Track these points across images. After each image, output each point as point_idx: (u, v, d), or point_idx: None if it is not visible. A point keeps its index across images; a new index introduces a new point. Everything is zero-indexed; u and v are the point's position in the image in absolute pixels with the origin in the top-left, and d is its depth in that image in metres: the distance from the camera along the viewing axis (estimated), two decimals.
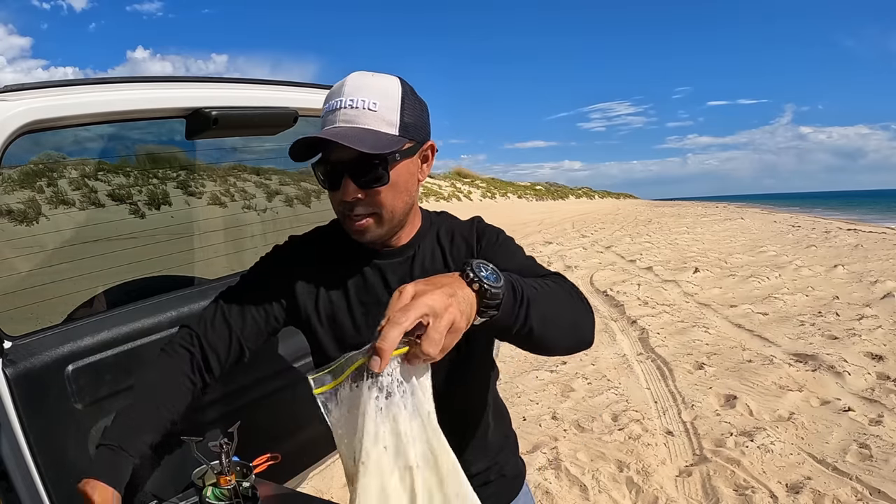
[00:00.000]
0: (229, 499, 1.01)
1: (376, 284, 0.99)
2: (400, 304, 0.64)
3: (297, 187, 2.62)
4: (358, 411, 0.63)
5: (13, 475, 1.03)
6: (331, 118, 0.88)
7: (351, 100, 0.86)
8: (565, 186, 48.94)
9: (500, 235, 1.02)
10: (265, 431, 1.40)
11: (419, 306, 0.63)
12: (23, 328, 1.13)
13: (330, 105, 0.88)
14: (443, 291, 0.65)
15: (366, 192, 0.89)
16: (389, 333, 0.61)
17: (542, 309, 0.79)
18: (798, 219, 20.41)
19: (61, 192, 2.39)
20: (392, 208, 0.91)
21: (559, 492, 2.64)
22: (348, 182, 0.88)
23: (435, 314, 0.63)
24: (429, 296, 0.64)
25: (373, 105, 0.86)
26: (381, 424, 0.63)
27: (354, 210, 0.90)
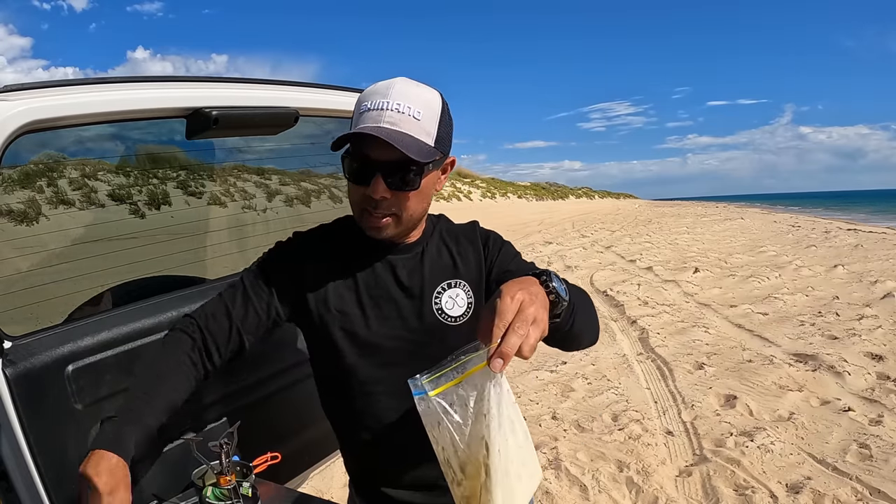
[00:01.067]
0: (229, 499, 1.01)
1: (386, 279, 1.02)
2: (512, 310, 0.70)
3: (297, 187, 2.62)
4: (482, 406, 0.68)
5: (13, 475, 1.03)
6: (374, 116, 0.89)
7: (398, 104, 0.89)
8: (565, 186, 48.91)
9: (502, 239, 1.10)
10: (265, 431, 1.40)
11: (529, 317, 0.69)
12: (23, 328, 1.13)
13: (374, 103, 0.90)
14: (540, 303, 0.73)
15: (394, 194, 0.92)
16: (511, 340, 0.67)
17: (581, 312, 0.89)
18: (798, 219, 20.42)
19: (61, 192, 2.39)
20: (412, 212, 0.96)
21: (559, 492, 2.64)
22: (379, 181, 0.90)
23: (536, 324, 0.70)
24: (534, 307, 0.71)
25: (417, 114, 0.89)
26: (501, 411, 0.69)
27: (377, 207, 0.93)
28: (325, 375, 1.10)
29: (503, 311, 0.69)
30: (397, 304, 1.01)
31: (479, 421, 0.68)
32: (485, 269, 1.06)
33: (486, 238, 1.08)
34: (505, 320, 0.68)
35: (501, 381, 0.70)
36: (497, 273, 1.04)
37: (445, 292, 1.02)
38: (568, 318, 0.84)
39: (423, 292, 1.02)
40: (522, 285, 0.74)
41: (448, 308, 1.02)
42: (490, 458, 0.68)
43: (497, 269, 1.05)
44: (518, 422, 0.74)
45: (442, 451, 0.71)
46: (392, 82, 0.92)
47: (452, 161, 1.01)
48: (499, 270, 1.05)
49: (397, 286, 1.02)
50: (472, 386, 0.68)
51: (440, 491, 1.04)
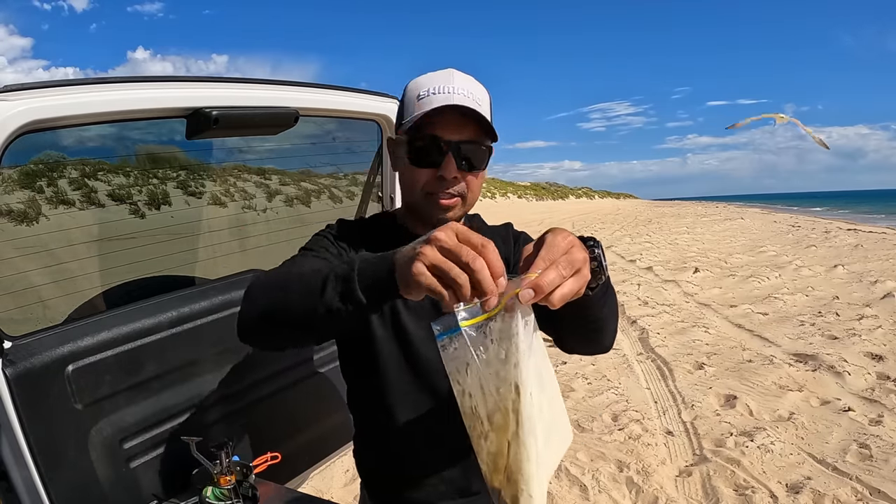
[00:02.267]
0: (229, 499, 1.01)
1: None
2: (562, 248, 0.64)
3: (297, 187, 2.62)
4: (512, 344, 0.61)
5: (13, 475, 1.03)
6: (443, 98, 0.89)
7: (463, 89, 0.90)
8: (565, 186, 48.90)
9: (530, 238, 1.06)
10: (265, 431, 1.40)
11: (575, 261, 0.63)
12: (23, 328, 1.13)
13: (437, 88, 0.91)
14: (585, 259, 0.66)
15: (463, 174, 0.93)
16: (551, 276, 0.61)
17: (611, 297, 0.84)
18: (798, 219, 20.40)
19: (61, 192, 2.38)
20: (475, 195, 0.97)
21: (559, 492, 2.64)
22: (451, 160, 0.91)
23: (578, 276, 0.64)
24: (581, 251, 0.65)
25: (478, 102, 0.91)
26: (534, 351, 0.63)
27: (447, 188, 0.93)
28: (357, 372, 1.07)
29: (552, 245, 0.64)
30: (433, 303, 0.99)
31: (509, 360, 0.61)
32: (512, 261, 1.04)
33: (518, 236, 1.09)
34: (552, 255, 0.63)
35: (532, 322, 0.63)
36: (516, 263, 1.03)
37: None
38: (602, 296, 0.79)
39: None
40: (572, 236, 0.68)
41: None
42: (521, 402, 0.61)
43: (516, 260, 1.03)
44: (549, 373, 0.67)
45: (469, 399, 0.63)
46: (450, 71, 0.93)
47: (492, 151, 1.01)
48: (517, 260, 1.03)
49: None
50: (504, 319, 0.61)
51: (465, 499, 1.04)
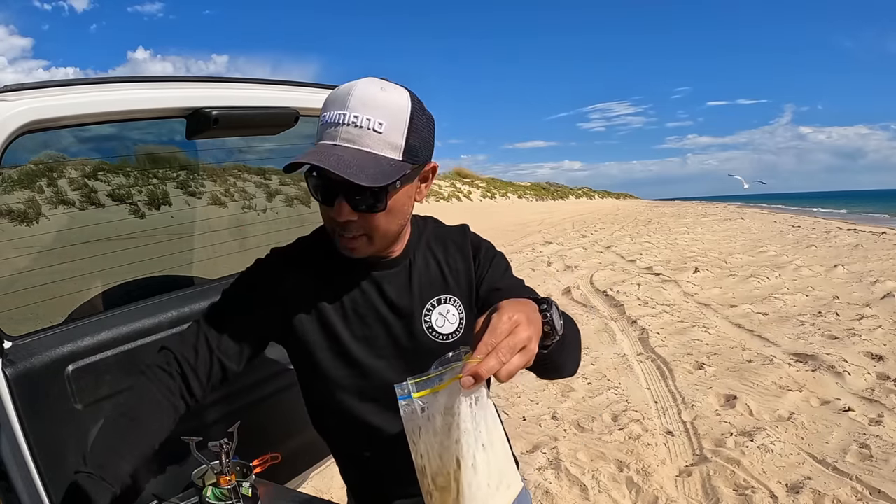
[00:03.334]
0: (229, 499, 1.01)
1: (373, 297, 0.97)
2: (504, 331, 0.65)
3: (297, 187, 2.62)
4: (455, 419, 0.67)
5: (13, 475, 1.03)
6: (331, 132, 0.82)
7: (355, 116, 0.80)
8: (565, 186, 48.94)
9: (493, 250, 1.04)
10: (265, 431, 1.40)
11: (519, 343, 0.65)
12: (23, 328, 1.13)
13: (331, 116, 0.83)
14: (535, 331, 0.68)
15: (360, 215, 0.86)
16: (490, 363, 0.62)
17: (569, 346, 0.84)
18: (798, 219, 20.40)
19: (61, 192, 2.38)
20: (385, 231, 0.90)
21: (559, 492, 2.64)
22: (343, 204, 0.84)
23: (524, 352, 0.66)
24: (527, 334, 0.66)
25: (378, 126, 0.81)
26: (478, 425, 0.68)
27: (346, 230, 0.88)
28: (315, 397, 1.06)
29: (494, 329, 0.65)
30: (386, 324, 0.98)
31: (451, 435, 0.66)
32: (474, 282, 1.00)
33: (477, 248, 1.02)
34: (494, 339, 0.64)
35: (479, 394, 0.68)
36: (486, 289, 0.99)
37: (435, 309, 0.98)
38: (557, 351, 0.79)
39: (413, 310, 0.97)
40: (523, 308, 0.69)
41: (439, 326, 0.98)
42: (461, 472, 0.66)
43: (486, 285, 1.00)
44: (497, 437, 0.72)
45: (420, 459, 0.70)
46: (352, 87, 0.82)
47: (433, 167, 0.93)
48: (488, 286, 0.99)
49: (385, 305, 0.97)
50: (450, 396, 0.66)
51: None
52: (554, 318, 0.74)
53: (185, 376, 0.93)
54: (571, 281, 7.86)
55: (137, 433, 0.88)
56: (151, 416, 0.90)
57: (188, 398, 0.95)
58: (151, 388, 0.92)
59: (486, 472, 0.69)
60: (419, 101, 0.87)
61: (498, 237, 13.90)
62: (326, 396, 1.02)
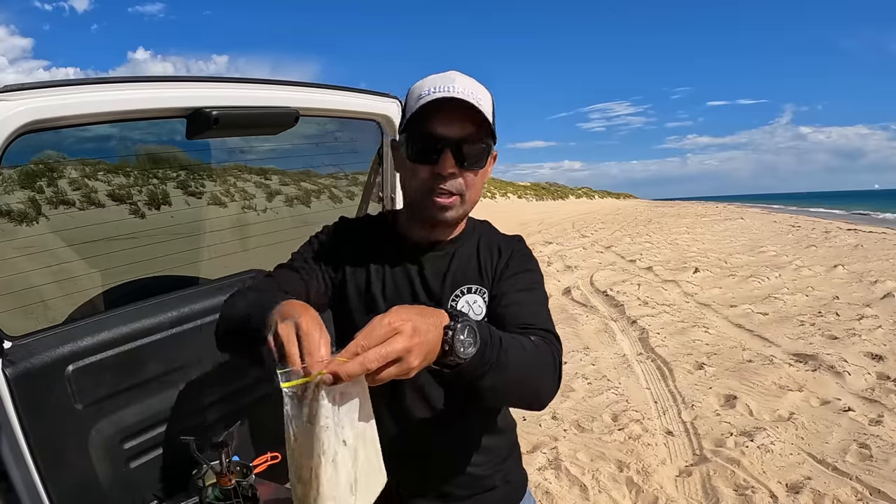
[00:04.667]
0: (229, 499, 1.01)
1: (413, 274, 1.02)
2: (379, 336, 0.64)
3: (297, 187, 2.62)
4: (317, 414, 0.66)
5: (13, 475, 1.03)
6: (445, 94, 0.88)
7: (464, 88, 0.88)
8: (565, 186, 48.90)
9: (529, 266, 1.04)
10: (265, 431, 1.40)
11: (391, 354, 0.63)
12: (23, 328, 1.13)
13: (438, 87, 0.89)
14: (421, 345, 0.66)
15: (461, 172, 0.92)
16: (351, 367, 0.62)
17: (505, 377, 0.78)
18: (798, 219, 20.41)
19: (61, 192, 2.39)
20: (474, 195, 0.95)
21: (559, 492, 2.64)
22: (448, 156, 0.90)
23: (400, 364, 0.65)
24: (407, 345, 0.64)
25: (480, 101, 0.89)
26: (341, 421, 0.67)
27: (445, 185, 0.92)
28: None
29: (370, 332, 0.64)
30: (417, 300, 1.01)
31: (313, 429, 0.66)
32: (495, 279, 1.02)
33: (515, 253, 1.04)
34: (366, 342, 0.63)
35: (348, 391, 0.67)
36: (498, 290, 1.00)
37: (463, 297, 1.00)
38: (480, 377, 0.75)
39: (443, 294, 1.00)
40: (414, 318, 0.67)
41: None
42: (321, 468, 0.66)
43: (500, 287, 1.00)
44: (367, 436, 0.71)
45: (289, 448, 0.69)
46: (452, 73, 0.92)
47: (495, 155, 0.99)
48: (499, 290, 1.00)
49: (420, 284, 1.01)
50: (314, 394, 0.65)
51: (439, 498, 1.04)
52: (456, 340, 0.70)
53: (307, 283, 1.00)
54: (571, 281, 7.86)
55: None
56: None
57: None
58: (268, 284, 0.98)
59: (348, 470, 0.68)
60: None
61: None
62: None
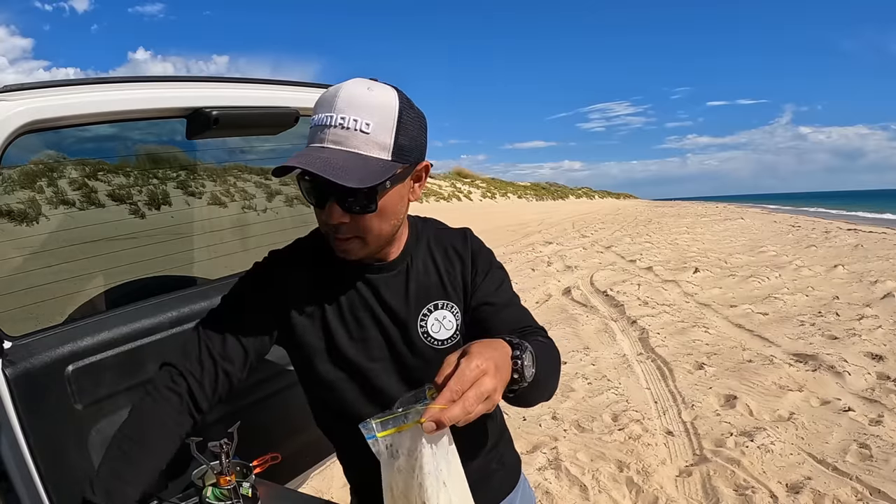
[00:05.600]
0: (229, 499, 1.01)
1: (370, 299, 0.97)
2: (471, 378, 0.66)
3: (296, 187, 2.62)
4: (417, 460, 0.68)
5: (13, 475, 1.03)
6: (319, 135, 0.82)
7: (342, 118, 0.80)
8: (565, 186, 48.95)
9: (492, 260, 1.03)
10: (265, 431, 1.40)
11: (483, 394, 0.66)
12: (23, 328, 1.13)
13: (319, 119, 0.82)
14: (501, 380, 0.69)
15: (353, 217, 0.85)
16: (454, 412, 0.64)
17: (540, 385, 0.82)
18: (798, 219, 20.41)
19: (61, 192, 2.39)
20: (378, 233, 0.89)
21: (559, 492, 2.64)
22: (334, 206, 0.84)
23: (487, 401, 0.67)
24: (493, 384, 0.67)
25: (365, 126, 0.80)
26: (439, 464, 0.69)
27: (339, 232, 0.88)
28: (315, 398, 1.06)
29: (462, 376, 0.65)
30: (382, 327, 0.97)
31: (414, 476, 0.68)
32: (469, 289, 0.99)
33: (476, 255, 1.00)
34: (460, 387, 0.65)
35: (444, 443, 0.69)
36: (478, 300, 0.98)
37: (432, 314, 0.97)
38: (525, 393, 0.78)
39: (409, 315, 0.97)
40: (492, 355, 0.69)
41: (434, 332, 0.97)
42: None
43: (479, 296, 0.98)
44: (455, 471, 0.72)
45: (389, 496, 0.71)
46: (339, 88, 0.82)
47: (426, 167, 0.91)
48: (480, 298, 0.98)
49: (381, 309, 0.97)
50: (413, 438, 0.67)
51: None
52: (524, 367, 0.74)
53: (192, 393, 0.92)
54: (571, 281, 7.86)
55: (144, 458, 0.88)
56: (158, 439, 0.90)
57: (195, 414, 0.94)
58: (157, 409, 0.91)
59: None
60: (408, 99, 0.86)
61: (498, 237, 13.90)
62: (326, 397, 1.02)
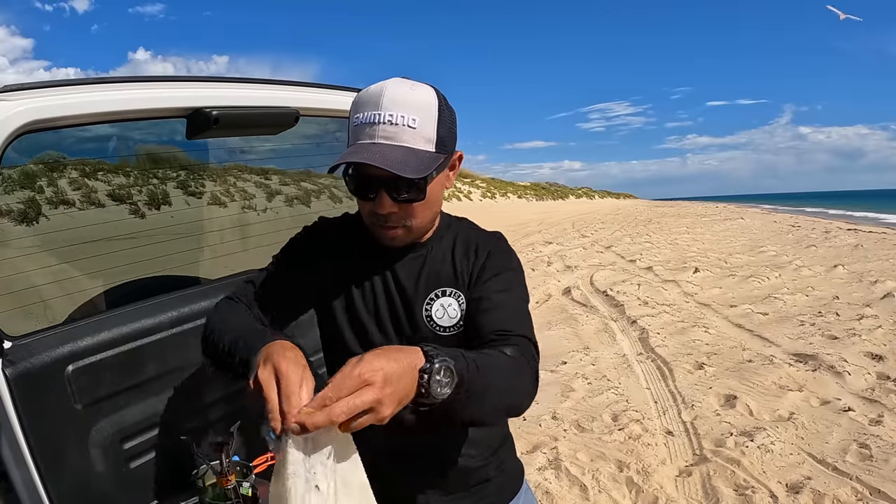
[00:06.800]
0: (229, 499, 1.01)
1: (387, 276, 1.01)
2: (348, 387, 0.64)
3: (297, 187, 2.62)
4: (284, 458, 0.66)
5: (13, 475, 1.03)
6: (368, 131, 0.87)
7: (390, 115, 0.86)
8: (565, 186, 48.94)
9: (510, 266, 1.02)
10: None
11: (361, 405, 0.64)
12: (23, 328, 1.13)
13: (366, 117, 0.87)
14: (392, 394, 0.66)
15: (401, 206, 0.91)
16: (318, 418, 0.63)
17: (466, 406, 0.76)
18: (798, 219, 20.41)
19: (61, 192, 2.39)
20: (422, 220, 0.95)
21: (559, 492, 2.64)
22: (384, 196, 0.89)
23: (373, 413, 0.65)
24: (373, 392, 0.64)
25: (412, 122, 0.86)
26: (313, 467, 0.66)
27: (387, 221, 0.93)
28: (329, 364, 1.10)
29: (339, 385, 0.64)
30: (392, 305, 1.01)
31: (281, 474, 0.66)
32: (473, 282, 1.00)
33: (494, 253, 1.02)
34: (334, 394, 0.64)
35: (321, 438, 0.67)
36: (476, 293, 0.98)
37: (438, 300, 1.00)
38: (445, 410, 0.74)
39: (417, 296, 1.00)
40: (385, 366, 0.66)
41: (438, 317, 0.99)
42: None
43: (478, 290, 0.98)
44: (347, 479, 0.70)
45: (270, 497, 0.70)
46: (382, 87, 0.87)
47: (460, 156, 0.98)
48: (478, 293, 0.98)
49: (395, 286, 1.01)
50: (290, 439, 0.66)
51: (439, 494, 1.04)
52: (433, 383, 0.69)
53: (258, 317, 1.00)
54: (571, 281, 7.86)
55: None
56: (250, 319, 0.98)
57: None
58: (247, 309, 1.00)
59: None
60: (443, 95, 0.93)
61: None
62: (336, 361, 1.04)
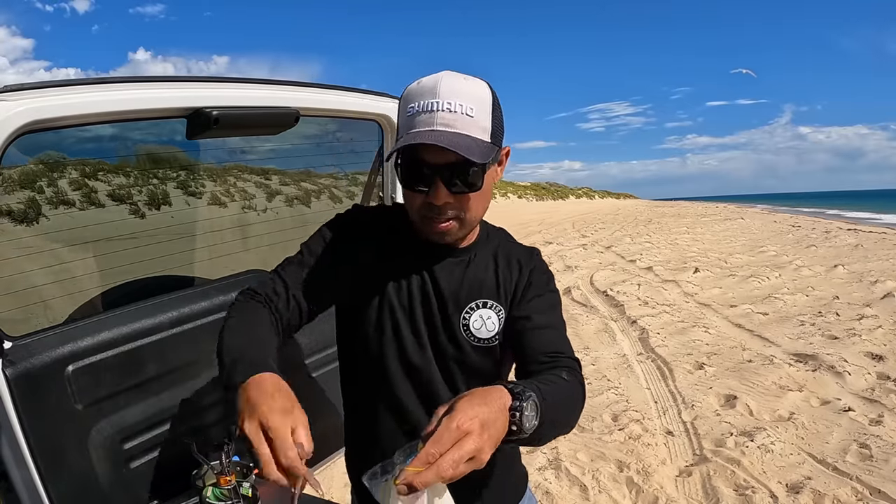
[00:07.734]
0: (229, 499, 1.01)
1: (426, 278, 0.99)
2: (450, 439, 0.63)
3: (297, 187, 2.62)
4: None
5: (13, 475, 1.03)
6: (426, 119, 0.85)
7: (448, 103, 0.85)
8: (565, 186, 48.95)
9: (550, 286, 1.02)
10: None
11: (465, 454, 0.63)
12: (23, 328, 1.13)
13: (423, 105, 0.86)
14: (490, 437, 0.66)
15: (456, 197, 0.89)
16: (427, 476, 0.62)
17: (545, 433, 0.78)
18: (798, 219, 20.41)
19: (61, 192, 2.39)
20: (475, 213, 0.93)
21: (559, 492, 2.64)
22: (440, 186, 0.87)
23: (473, 461, 0.64)
24: (479, 443, 0.64)
25: (469, 111, 0.85)
26: None
27: (440, 213, 0.90)
28: (349, 360, 1.07)
29: (439, 439, 0.63)
30: (429, 308, 0.98)
31: None
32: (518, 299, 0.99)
33: (536, 271, 1.01)
34: (437, 449, 0.63)
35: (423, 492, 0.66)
36: (521, 312, 0.97)
37: (476, 311, 0.98)
38: (528, 439, 0.75)
39: (458, 305, 0.98)
40: (480, 412, 0.66)
41: (476, 328, 0.97)
42: None
43: (523, 308, 0.98)
44: None
45: None
46: (438, 78, 0.87)
47: (507, 151, 0.97)
48: (523, 311, 0.97)
49: (434, 290, 0.98)
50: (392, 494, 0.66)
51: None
52: (524, 418, 0.70)
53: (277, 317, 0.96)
54: (571, 281, 7.85)
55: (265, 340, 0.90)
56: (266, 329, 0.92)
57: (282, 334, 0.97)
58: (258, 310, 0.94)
59: None
60: (494, 90, 0.92)
61: None
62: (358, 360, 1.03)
